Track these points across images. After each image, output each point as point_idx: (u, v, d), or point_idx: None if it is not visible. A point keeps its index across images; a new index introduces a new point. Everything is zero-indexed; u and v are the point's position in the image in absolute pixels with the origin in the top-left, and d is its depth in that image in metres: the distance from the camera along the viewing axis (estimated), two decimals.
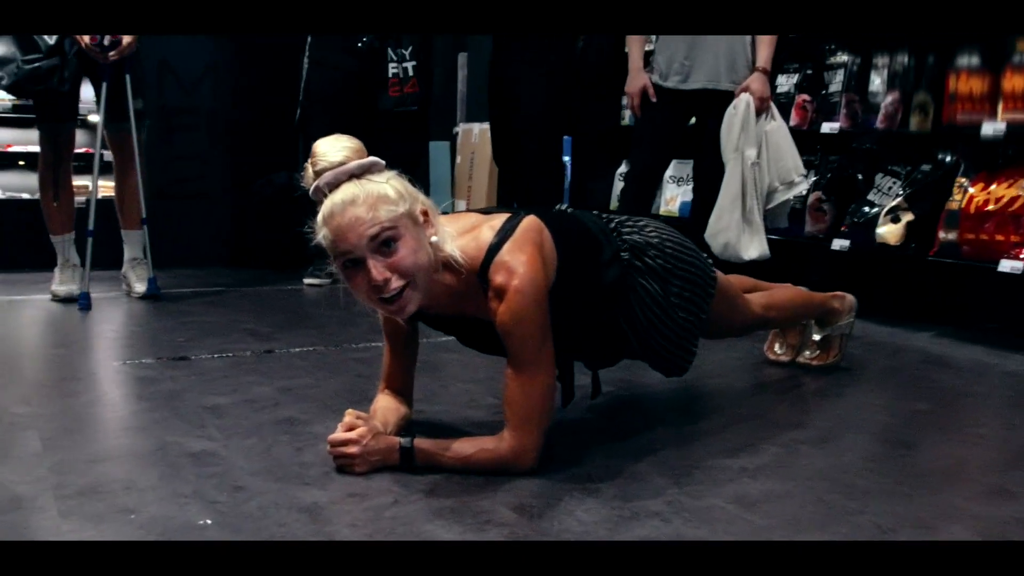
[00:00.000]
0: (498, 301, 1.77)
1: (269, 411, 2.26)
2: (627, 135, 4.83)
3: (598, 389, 2.26)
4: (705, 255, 2.27)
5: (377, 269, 1.70)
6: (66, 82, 3.67)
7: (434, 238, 1.78)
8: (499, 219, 1.86)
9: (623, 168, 4.89)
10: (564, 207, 2.22)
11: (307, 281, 4.35)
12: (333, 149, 1.75)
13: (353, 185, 1.71)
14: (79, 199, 4.05)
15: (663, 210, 4.71)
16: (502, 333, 1.78)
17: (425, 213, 1.79)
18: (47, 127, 3.86)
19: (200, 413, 2.23)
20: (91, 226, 3.76)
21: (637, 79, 3.91)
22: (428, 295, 1.80)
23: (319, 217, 1.73)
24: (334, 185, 1.71)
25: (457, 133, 6.34)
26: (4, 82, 3.62)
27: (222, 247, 5.13)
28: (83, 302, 3.64)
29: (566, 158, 4.60)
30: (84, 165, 4.47)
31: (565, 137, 4.30)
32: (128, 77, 3.78)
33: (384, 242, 1.70)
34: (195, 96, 5.13)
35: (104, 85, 3.76)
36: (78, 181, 4.08)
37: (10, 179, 5.15)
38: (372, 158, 1.77)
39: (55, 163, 3.87)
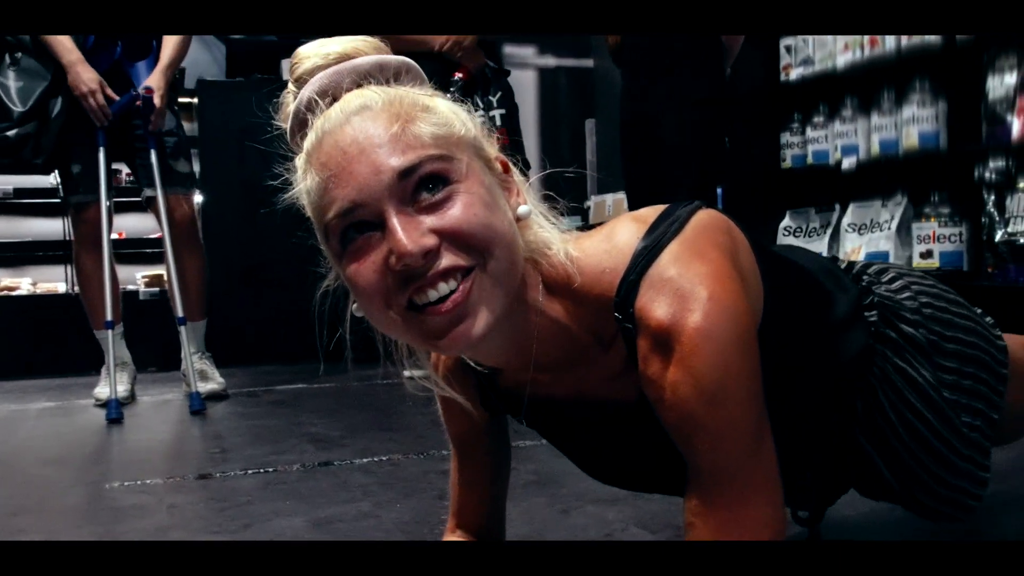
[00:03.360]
0: (659, 360, 0.87)
1: None
2: (789, 179, 3.97)
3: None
4: (980, 311, 1.28)
5: (409, 229, 0.84)
6: (42, 152, 3.00)
7: (521, 208, 0.92)
8: (656, 209, 0.97)
9: (787, 221, 3.98)
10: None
11: (407, 374, 3.51)
12: (328, 42, 0.93)
13: (367, 89, 0.90)
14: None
15: None
16: (672, 425, 0.88)
17: (504, 164, 0.93)
18: (67, 202, 3.22)
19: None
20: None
21: None
22: (512, 336, 0.94)
23: (302, 154, 0.90)
24: (330, 91, 0.90)
25: (589, 207, 5.61)
26: None
27: (304, 336, 4.33)
28: (112, 412, 2.86)
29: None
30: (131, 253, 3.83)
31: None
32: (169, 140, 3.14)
33: (425, 181, 0.86)
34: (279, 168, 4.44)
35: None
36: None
37: None
38: (402, 58, 0.94)
39: (78, 245, 3.21)
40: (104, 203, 3.10)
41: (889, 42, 3.41)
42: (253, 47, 4.71)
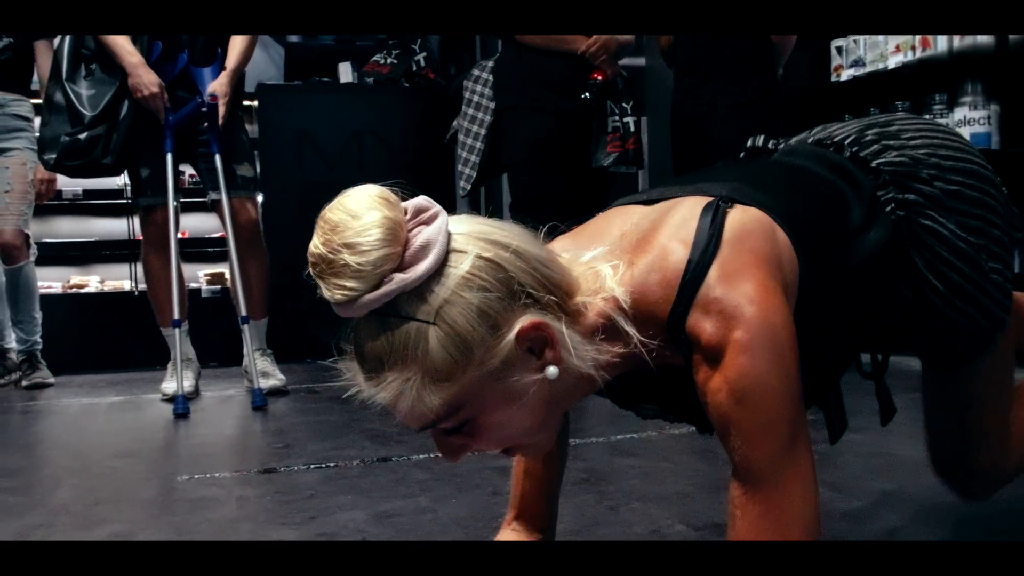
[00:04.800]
0: (709, 369, 0.98)
1: None
2: None
3: (891, 409, 1.36)
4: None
5: (444, 447, 1.05)
6: (110, 153, 3.13)
7: (550, 371, 0.99)
8: (688, 212, 1.05)
9: None
10: (772, 144, 1.38)
11: None
12: (352, 238, 0.93)
13: (373, 346, 0.96)
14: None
15: None
16: (720, 425, 0.98)
17: (533, 328, 0.97)
18: (136, 204, 3.36)
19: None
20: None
21: None
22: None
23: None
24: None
25: None
26: (51, 163, 3.13)
27: None
28: (179, 407, 2.99)
29: None
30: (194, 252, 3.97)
31: None
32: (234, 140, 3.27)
33: (449, 434, 1.02)
34: (337, 170, 4.56)
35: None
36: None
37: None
38: (395, 283, 0.94)
39: (146, 246, 3.35)
40: (172, 205, 3.22)
41: (941, 43, 3.42)
42: (311, 50, 4.82)
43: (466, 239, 0.97)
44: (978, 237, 1.24)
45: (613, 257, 1.05)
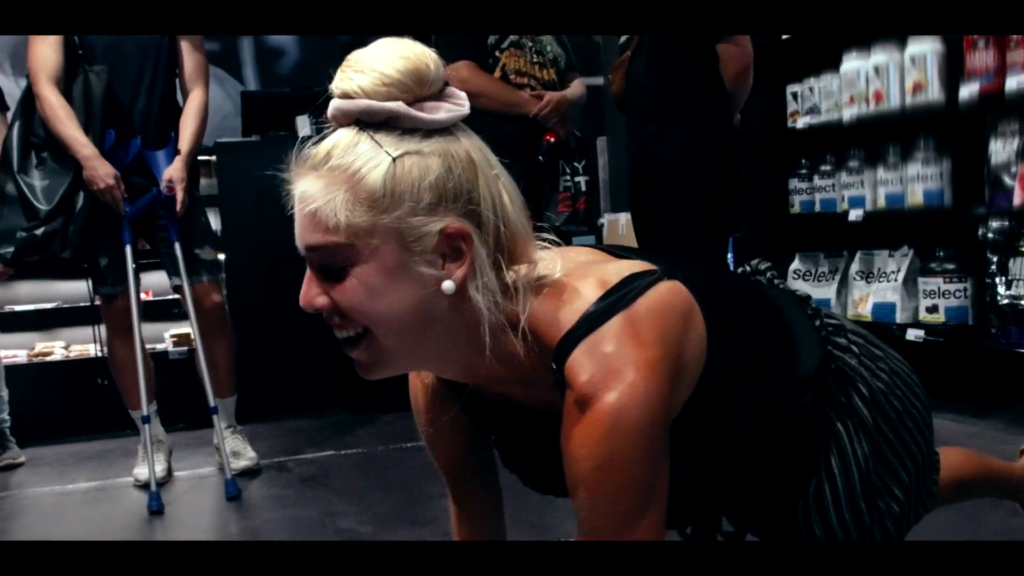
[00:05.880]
0: (573, 415, 1.00)
1: None
2: (797, 223, 4.04)
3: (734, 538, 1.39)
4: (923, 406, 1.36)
5: (309, 286, 1.06)
6: (69, 246, 3.10)
7: (445, 284, 1.04)
8: (626, 267, 1.08)
9: (796, 264, 4.06)
10: (753, 270, 1.41)
11: None
12: (386, 55, 1.04)
13: (336, 144, 1.04)
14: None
15: (850, 314, 3.77)
16: (571, 479, 1.01)
17: (462, 235, 1.03)
18: (96, 293, 3.35)
19: None
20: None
21: None
22: (460, 363, 1.10)
23: None
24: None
25: (602, 224, 5.65)
26: (7, 257, 3.11)
27: (330, 386, 4.41)
28: (153, 503, 2.97)
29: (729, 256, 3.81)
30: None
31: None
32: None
33: (324, 259, 1.04)
34: None
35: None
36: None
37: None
38: (392, 107, 1.02)
39: (110, 332, 3.35)
40: (132, 292, 3.21)
41: (894, 99, 3.47)
42: (267, 100, 4.79)
43: (471, 139, 1.07)
44: (885, 477, 1.26)
45: (554, 274, 1.09)
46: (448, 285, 1.03)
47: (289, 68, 6.01)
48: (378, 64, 1.02)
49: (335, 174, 1.01)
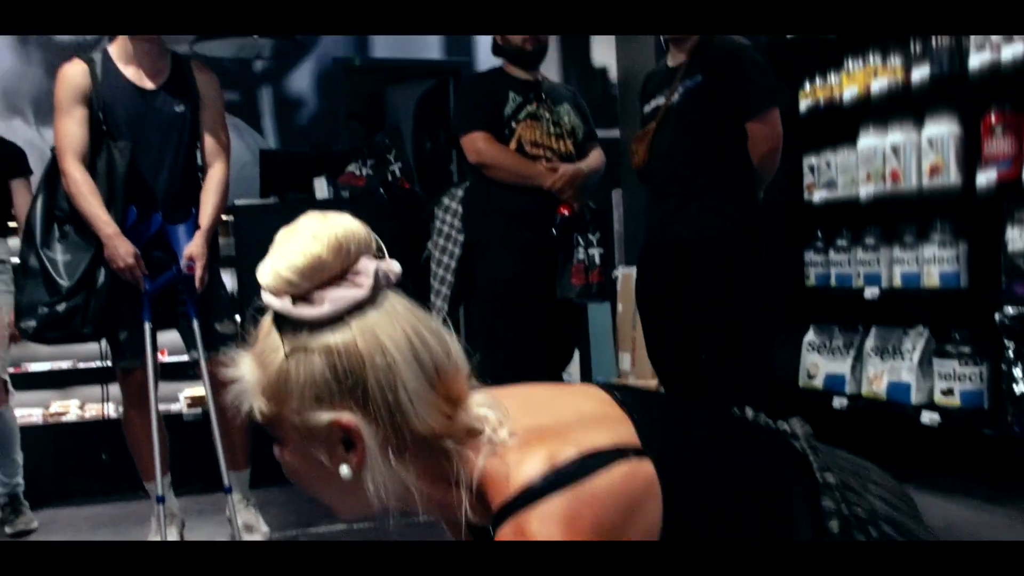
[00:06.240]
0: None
1: None
2: (812, 296, 4.04)
3: None
4: None
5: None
6: (89, 322, 3.13)
7: (342, 469, 1.09)
8: (591, 439, 1.06)
9: (811, 336, 4.05)
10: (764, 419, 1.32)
11: None
12: (290, 244, 1.08)
13: (260, 329, 1.11)
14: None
15: (865, 391, 3.75)
16: None
17: (348, 429, 1.06)
18: (115, 366, 3.36)
19: None
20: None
21: None
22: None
23: None
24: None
25: (617, 278, 5.64)
26: (29, 331, 3.13)
27: None
28: None
29: None
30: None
31: None
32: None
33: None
34: None
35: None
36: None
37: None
38: (283, 304, 1.07)
39: (127, 404, 3.37)
40: (150, 366, 3.23)
41: (911, 179, 3.47)
42: (285, 160, 4.83)
43: (367, 321, 1.06)
44: None
45: (515, 428, 1.08)
46: (345, 472, 1.08)
47: (307, 119, 6.04)
48: (277, 259, 1.07)
49: (256, 360, 1.10)
